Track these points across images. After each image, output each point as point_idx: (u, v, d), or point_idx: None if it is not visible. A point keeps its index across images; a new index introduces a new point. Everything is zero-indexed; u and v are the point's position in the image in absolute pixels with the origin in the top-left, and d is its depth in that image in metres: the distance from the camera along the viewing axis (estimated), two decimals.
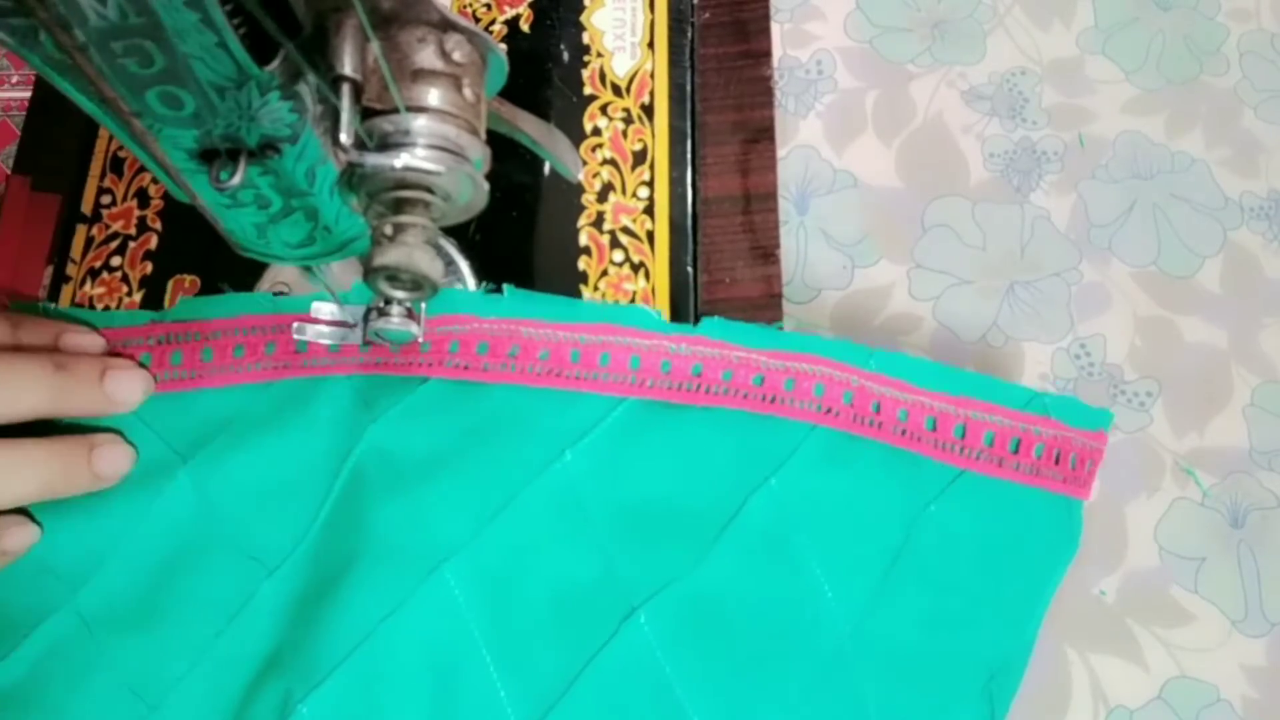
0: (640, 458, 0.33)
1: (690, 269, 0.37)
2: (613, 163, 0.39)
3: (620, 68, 0.40)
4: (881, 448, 0.33)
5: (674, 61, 0.41)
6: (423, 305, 0.35)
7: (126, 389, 0.34)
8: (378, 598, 0.32)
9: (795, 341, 0.34)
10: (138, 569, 0.33)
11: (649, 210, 0.38)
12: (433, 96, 0.26)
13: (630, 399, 0.34)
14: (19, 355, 0.32)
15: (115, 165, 0.40)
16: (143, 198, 0.39)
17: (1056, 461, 0.33)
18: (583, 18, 0.41)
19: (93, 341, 0.35)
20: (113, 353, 0.35)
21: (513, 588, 0.32)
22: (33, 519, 0.33)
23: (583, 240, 0.38)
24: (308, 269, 0.33)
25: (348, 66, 0.24)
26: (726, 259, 0.38)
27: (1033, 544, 0.33)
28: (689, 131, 0.40)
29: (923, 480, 0.33)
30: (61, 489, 0.32)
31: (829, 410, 0.34)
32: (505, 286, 0.36)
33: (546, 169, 0.39)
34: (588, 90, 0.40)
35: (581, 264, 0.37)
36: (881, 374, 0.34)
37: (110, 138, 0.40)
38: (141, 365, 0.35)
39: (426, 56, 0.26)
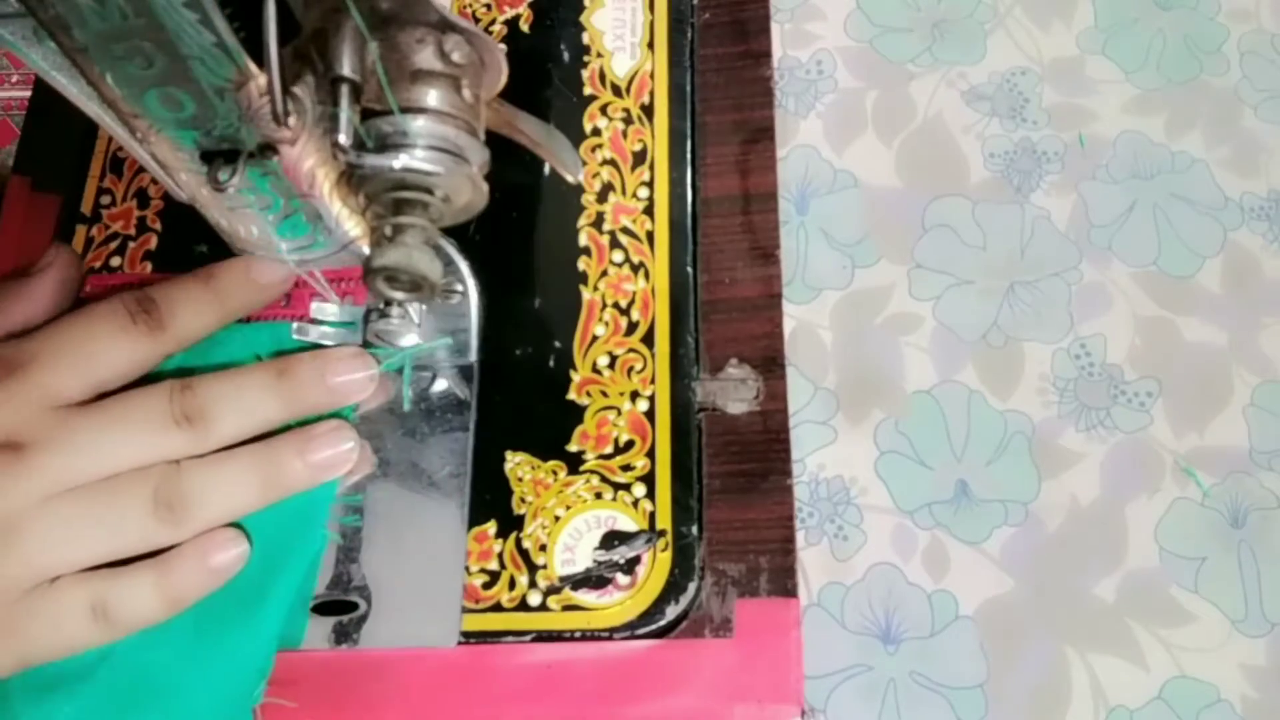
0: None
1: (690, 269, 0.37)
2: (612, 163, 0.39)
3: (620, 68, 0.40)
4: None
5: (674, 62, 0.41)
6: (423, 306, 0.35)
7: (349, 382, 0.34)
8: None
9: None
10: None
11: (649, 210, 0.38)
12: (432, 97, 0.26)
13: None
14: (243, 371, 0.33)
15: (115, 165, 0.40)
16: (142, 198, 0.39)
17: None
18: (582, 18, 0.41)
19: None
20: None
21: None
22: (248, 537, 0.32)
23: (582, 240, 0.38)
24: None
25: (346, 67, 0.24)
26: (726, 259, 0.38)
27: None
28: (689, 131, 0.40)
29: None
30: (277, 491, 0.32)
31: None
32: None
33: (546, 169, 0.39)
34: (587, 90, 0.40)
35: (581, 264, 0.37)
36: None
37: (110, 138, 0.40)
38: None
39: (425, 57, 0.26)
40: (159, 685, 0.32)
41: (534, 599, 0.33)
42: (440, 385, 0.36)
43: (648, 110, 0.40)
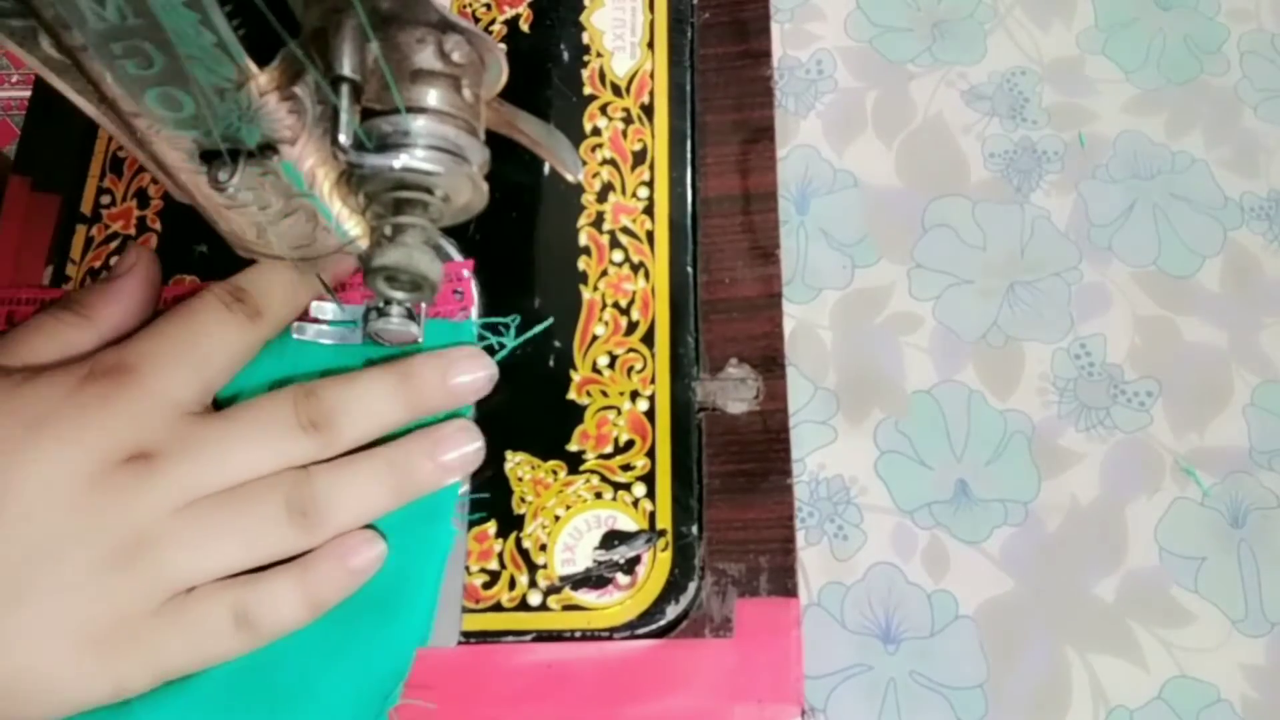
0: None
1: (690, 269, 0.37)
2: (612, 163, 0.39)
3: (620, 68, 0.40)
4: None
5: (674, 61, 0.41)
6: (423, 305, 0.35)
7: (470, 383, 0.34)
8: None
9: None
10: None
11: (649, 210, 0.38)
12: (432, 97, 0.26)
13: None
14: (364, 375, 0.33)
15: (115, 165, 0.40)
16: (142, 198, 0.39)
17: None
18: (582, 18, 0.41)
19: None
20: None
21: None
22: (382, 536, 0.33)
23: (582, 240, 0.38)
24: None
25: (347, 67, 0.24)
26: (726, 259, 0.38)
27: None
28: (689, 131, 0.40)
29: None
30: (409, 492, 0.33)
31: None
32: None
33: (546, 169, 0.39)
34: (587, 90, 0.40)
35: (581, 264, 0.37)
36: None
37: (110, 138, 0.40)
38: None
39: (426, 57, 0.26)
40: (292, 687, 0.31)
41: (534, 599, 0.34)
42: None
43: (648, 110, 0.40)
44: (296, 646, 0.32)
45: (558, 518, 0.34)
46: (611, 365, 0.36)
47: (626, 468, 0.35)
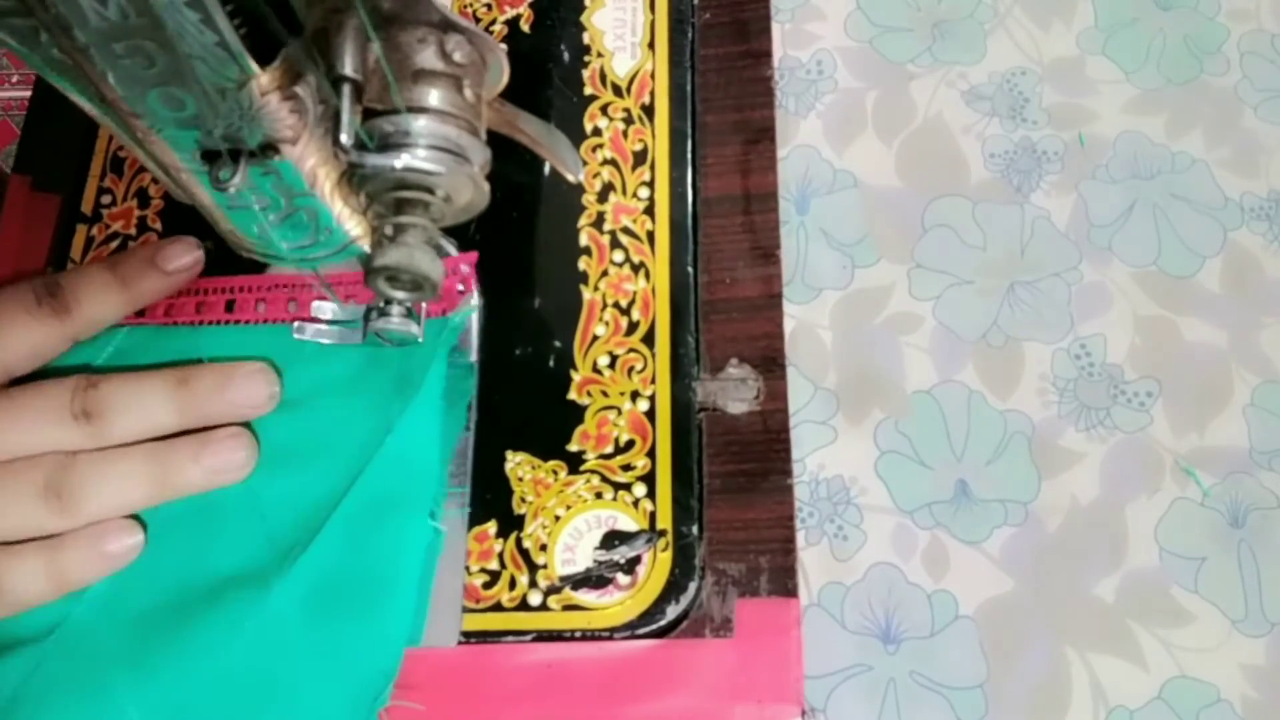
0: None
1: (690, 269, 0.37)
2: (613, 163, 0.39)
3: (620, 68, 0.40)
4: None
5: (674, 61, 0.41)
6: (424, 305, 0.35)
7: (250, 395, 0.34)
8: None
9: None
10: None
11: (649, 210, 0.38)
12: (433, 97, 0.26)
13: None
14: (148, 374, 0.34)
15: (115, 165, 0.40)
16: (143, 198, 0.39)
17: None
18: (583, 18, 0.41)
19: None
20: None
21: None
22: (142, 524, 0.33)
23: (583, 240, 0.38)
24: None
25: (348, 67, 0.24)
26: (726, 259, 0.38)
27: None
28: (689, 131, 0.40)
29: None
30: (171, 490, 0.33)
31: None
32: None
33: (546, 169, 0.39)
34: (588, 90, 0.40)
35: (581, 264, 0.37)
36: None
37: (110, 138, 0.40)
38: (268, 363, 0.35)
39: (427, 57, 0.26)
40: (280, 690, 0.32)
41: (534, 599, 0.34)
42: None
43: (648, 110, 0.40)
44: (281, 649, 0.32)
45: (558, 518, 0.34)
46: (612, 365, 0.36)
47: (627, 468, 0.35)
